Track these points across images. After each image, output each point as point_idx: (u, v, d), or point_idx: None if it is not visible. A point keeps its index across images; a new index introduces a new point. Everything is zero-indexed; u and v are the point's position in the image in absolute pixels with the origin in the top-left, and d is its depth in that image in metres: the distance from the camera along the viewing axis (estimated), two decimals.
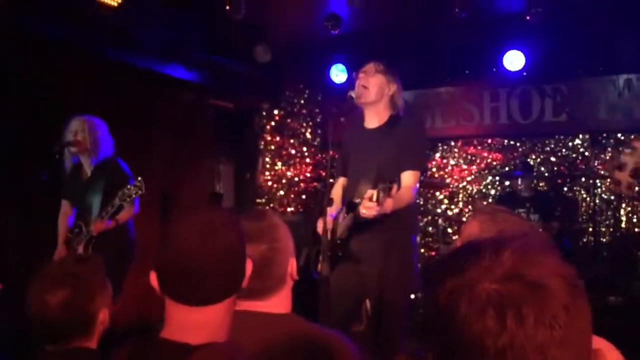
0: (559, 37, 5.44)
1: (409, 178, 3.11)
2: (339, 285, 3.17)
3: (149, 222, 5.03)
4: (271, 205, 7.02)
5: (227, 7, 4.66)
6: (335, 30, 5.21)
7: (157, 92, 5.59)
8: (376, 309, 3.20)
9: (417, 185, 3.19)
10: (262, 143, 7.08)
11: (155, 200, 5.46)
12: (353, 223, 3.07)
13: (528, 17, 4.90)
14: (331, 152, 3.18)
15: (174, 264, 1.20)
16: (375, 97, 3.22)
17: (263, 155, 7.08)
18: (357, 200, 3.05)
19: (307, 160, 7.05)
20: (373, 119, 3.30)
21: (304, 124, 7.10)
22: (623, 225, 5.96)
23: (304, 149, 7.08)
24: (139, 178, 3.73)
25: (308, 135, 7.08)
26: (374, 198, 2.76)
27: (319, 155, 7.06)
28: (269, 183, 7.07)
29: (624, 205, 5.95)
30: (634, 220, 5.92)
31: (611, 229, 5.95)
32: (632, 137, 4.96)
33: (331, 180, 3.56)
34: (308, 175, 7.03)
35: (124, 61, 5.03)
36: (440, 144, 6.68)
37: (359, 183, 3.14)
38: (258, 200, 7.00)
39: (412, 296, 4.49)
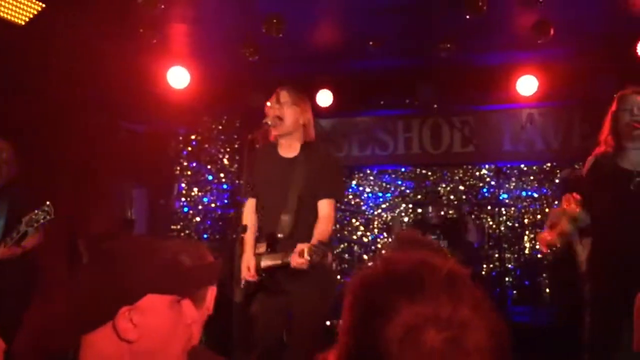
0: (468, 71, 5.73)
1: (326, 207, 3.15)
2: (268, 315, 3.14)
3: (55, 249, 4.78)
4: (186, 232, 6.87)
5: (141, 30, 4.59)
6: (253, 57, 5.23)
7: (67, 113, 5.38)
8: (291, 327, 3.19)
9: (334, 213, 3.23)
10: (178, 168, 6.95)
11: (62, 226, 5.21)
12: (281, 265, 3.05)
13: (437, 52, 5.13)
14: (244, 179, 3.17)
15: None
16: (291, 128, 3.22)
17: (179, 181, 6.94)
18: (280, 236, 3.10)
19: (225, 186, 6.98)
20: (287, 148, 3.30)
21: (222, 150, 7.04)
22: (527, 251, 6.28)
23: (222, 175, 7.00)
24: (48, 202, 3.54)
25: (226, 162, 7.02)
26: (305, 255, 2.81)
27: (237, 182, 7.00)
28: (185, 209, 6.93)
29: (527, 233, 6.29)
30: (537, 247, 6.26)
31: (515, 255, 6.26)
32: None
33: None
34: (225, 201, 6.95)
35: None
36: (356, 172, 6.83)
37: (279, 214, 3.14)
38: (173, 227, 6.83)
39: (328, 323, 4.51)
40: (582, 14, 4.89)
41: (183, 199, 6.93)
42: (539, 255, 6.23)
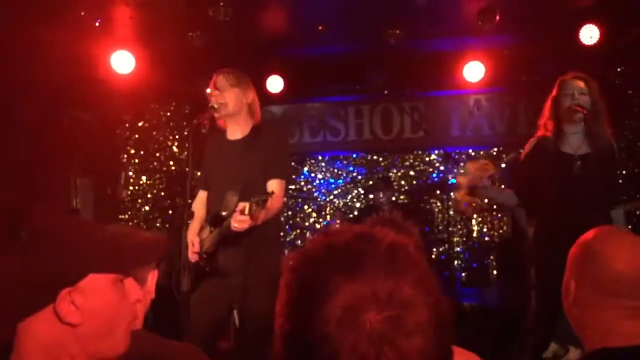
0: (416, 57, 5.77)
1: (276, 187, 3.10)
2: (206, 301, 3.10)
3: None
4: (135, 221, 6.72)
5: (82, 13, 4.42)
6: (200, 42, 5.12)
7: (7, 100, 5.16)
8: (243, 321, 3.16)
9: (283, 194, 3.21)
10: (125, 156, 6.78)
11: (2, 218, 5.01)
12: (220, 237, 3.01)
13: (387, 38, 5.15)
14: (190, 165, 3.11)
15: None
16: (234, 110, 3.21)
17: (126, 169, 6.77)
18: (224, 213, 3.01)
19: (174, 174, 6.85)
20: (235, 130, 3.28)
21: (171, 137, 6.90)
22: (474, 235, 6.42)
23: (171, 162, 6.87)
24: None
25: (175, 149, 6.89)
26: (246, 211, 2.74)
27: (187, 169, 6.86)
28: (133, 198, 6.78)
29: (475, 216, 6.43)
30: (484, 230, 6.41)
31: (464, 239, 6.39)
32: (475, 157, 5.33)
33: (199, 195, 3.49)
34: (175, 189, 6.83)
35: None
36: (308, 159, 6.82)
37: (225, 195, 3.10)
38: (121, 217, 6.66)
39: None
40: (527, 1, 4.99)
41: (131, 188, 6.77)
42: (486, 238, 6.38)
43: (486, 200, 6.21)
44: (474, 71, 5.74)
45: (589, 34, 5.07)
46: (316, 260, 0.80)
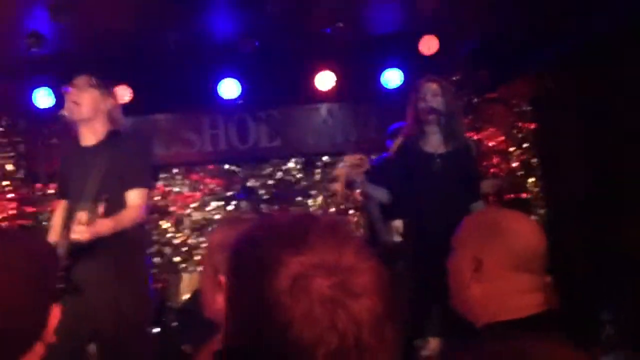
0: (271, 67, 5.80)
1: (135, 196, 2.94)
2: (62, 323, 2.80)
3: None
4: None
5: None
6: (37, 49, 4.69)
7: None
8: (108, 344, 2.91)
9: (146, 203, 3.01)
10: None
11: None
12: (70, 250, 2.76)
13: (241, 48, 5.13)
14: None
15: None
16: (89, 114, 2.98)
17: None
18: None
19: (10, 195, 6.19)
20: (90, 136, 3.05)
21: (4, 156, 6.24)
22: None
23: (4, 183, 6.21)
24: None
25: (10, 168, 6.23)
26: (83, 220, 2.60)
27: (25, 190, 6.25)
28: None
29: None
30: None
31: None
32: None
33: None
34: (11, 212, 6.17)
35: None
36: (162, 172, 6.54)
37: (78, 205, 2.87)
38: None
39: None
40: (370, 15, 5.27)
41: None
42: None
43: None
44: (325, 80, 5.90)
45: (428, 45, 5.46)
46: (262, 240, 0.84)
